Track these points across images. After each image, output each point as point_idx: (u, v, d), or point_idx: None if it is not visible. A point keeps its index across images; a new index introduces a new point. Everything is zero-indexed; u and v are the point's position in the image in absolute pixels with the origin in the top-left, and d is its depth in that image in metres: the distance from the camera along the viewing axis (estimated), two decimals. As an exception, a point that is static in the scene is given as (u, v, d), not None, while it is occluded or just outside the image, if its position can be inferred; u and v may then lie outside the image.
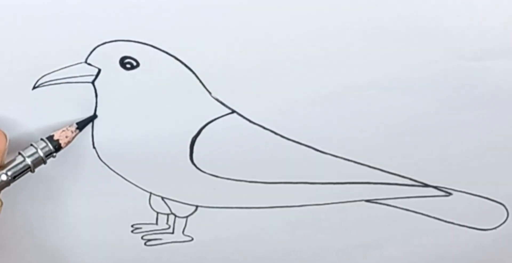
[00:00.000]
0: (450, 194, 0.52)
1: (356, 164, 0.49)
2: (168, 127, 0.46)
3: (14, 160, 0.44)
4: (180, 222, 0.53)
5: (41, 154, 0.44)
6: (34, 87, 0.43)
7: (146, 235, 0.53)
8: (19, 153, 0.44)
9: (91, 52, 0.42)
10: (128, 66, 0.43)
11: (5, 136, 0.43)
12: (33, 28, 0.41)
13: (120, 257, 0.54)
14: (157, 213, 0.52)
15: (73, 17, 0.41)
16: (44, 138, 0.44)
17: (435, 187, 0.51)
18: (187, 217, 0.52)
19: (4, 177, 0.43)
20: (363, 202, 0.52)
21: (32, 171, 0.44)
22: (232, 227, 0.53)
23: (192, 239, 0.54)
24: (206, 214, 0.52)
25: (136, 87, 0.44)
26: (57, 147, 0.44)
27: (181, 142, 0.47)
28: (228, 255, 0.55)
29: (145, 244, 0.54)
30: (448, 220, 0.54)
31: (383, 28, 0.42)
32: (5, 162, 0.44)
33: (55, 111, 0.45)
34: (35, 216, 0.51)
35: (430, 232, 0.55)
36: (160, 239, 0.54)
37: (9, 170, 0.43)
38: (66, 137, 0.44)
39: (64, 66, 0.43)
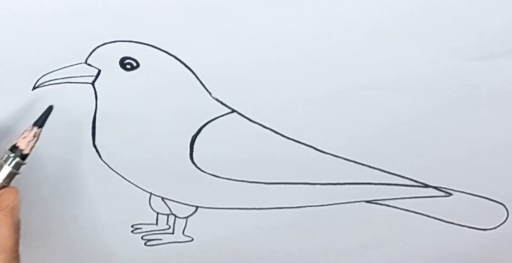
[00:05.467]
0: (450, 194, 0.52)
1: (356, 164, 0.49)
2: (168, 127, 0.46)
3: None
4: (180, 223, 0.53)
5: (11, 169, 0.43)
6: (34, 87, 0.43)
7: (146, 235, 0.53)
8: None
9: (91, 53, 0.42)
10: (128, 67, 0.43)
11: (17, 191, 0.43)
12: (33, 28, 0.41)
13: (120, 257, 0.54)
14: (157, 213, 0.52)
15: (73, 17, 0.41)
16: (7, 150, 0.43)
17: (435, 188, 0.51)
18: (187, 217, 0.52)
19: None
20: (363, 203, 0.52)
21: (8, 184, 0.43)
22: (232, 227, 0.53)
23: (192, 239, 0.54)
24: (206, 215, 0.52)
25: (136, 87, 0.44)
26: (24, 156, 0.43)
27: (181, 141, 0.47)
28: (228, 255, 0.55)
29: (145, 244, 0.54)
30: (448, 220, 0.54)
31: (383, 28, 0.42)
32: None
33: (55, 112, 0.45)
34: (35, 216, 0.51)
35: (430, 232, 0.55)
36: (160, 239, 0.54)
37: None
38: (29, 142, 0.43)
39: (64, 66, 0.43)
